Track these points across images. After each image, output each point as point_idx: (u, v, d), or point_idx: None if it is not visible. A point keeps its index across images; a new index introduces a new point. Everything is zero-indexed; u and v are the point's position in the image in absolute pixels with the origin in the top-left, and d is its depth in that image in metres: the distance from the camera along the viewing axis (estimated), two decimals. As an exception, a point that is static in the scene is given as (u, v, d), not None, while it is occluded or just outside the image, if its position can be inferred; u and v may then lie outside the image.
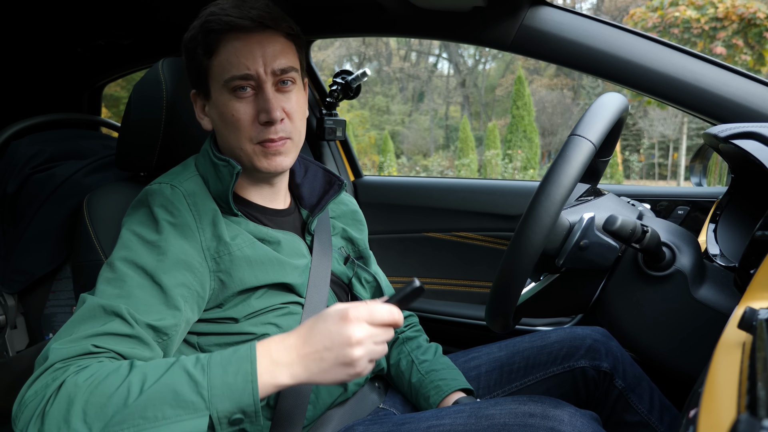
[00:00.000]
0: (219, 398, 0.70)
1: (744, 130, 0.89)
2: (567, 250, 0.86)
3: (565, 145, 0.79)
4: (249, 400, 0.71)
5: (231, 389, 0.71)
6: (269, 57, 0.89)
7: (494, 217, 1.82)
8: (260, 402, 0.72)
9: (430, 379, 1.08)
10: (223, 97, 0.91)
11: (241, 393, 0.71)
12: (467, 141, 17.77)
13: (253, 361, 0.73)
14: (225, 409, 0.70)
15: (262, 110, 0.90)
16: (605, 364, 1.05)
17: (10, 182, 1.25)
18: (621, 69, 1.14)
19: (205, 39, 0.89)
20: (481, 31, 1.27)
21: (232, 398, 0.70)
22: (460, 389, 1.07)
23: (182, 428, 0.68)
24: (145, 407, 0.68)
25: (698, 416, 0.44)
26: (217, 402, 0.70)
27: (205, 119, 0.98)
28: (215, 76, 0.91)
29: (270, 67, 0.89)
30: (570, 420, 0.83)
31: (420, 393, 1.09)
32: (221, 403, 0.70)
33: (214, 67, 0.90)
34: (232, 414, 0.71)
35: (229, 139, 0.93)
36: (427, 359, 1.13)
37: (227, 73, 0.89)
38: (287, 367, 0.74)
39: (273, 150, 0.92)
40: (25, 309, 1.26)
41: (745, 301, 0.62)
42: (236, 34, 0.88)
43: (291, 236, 1.02)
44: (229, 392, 0.70)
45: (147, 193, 0.92)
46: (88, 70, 2.03)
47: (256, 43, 0.89)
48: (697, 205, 1.57)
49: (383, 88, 30.65)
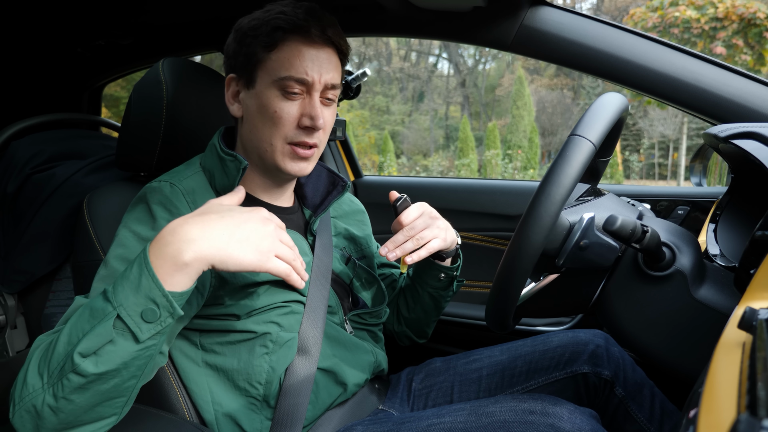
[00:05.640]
0: (122, 294, 0.69)
1: (744, 130, 0.89)
2: (567, 250, 0.86)
3: (565, 145, 0.79)
4: (153, 285, 0.69)
5: (130, 282, 0.70)
6: (325, 69, 0.93)
7: (494, 217, 1.82)
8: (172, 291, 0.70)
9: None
10: (271, 92, 0.92)
11: (144, 279, 0.69)
12: (467, 141, 17.77)
13: (145, 253, 0.71)
14: (133, 302, 0.69)
15: (307, 115, 0.92)
16: (606, 371, 1.05)
17: (10, 182, 1.25)
18: (621, 69, 1.14)
19: (271, 33, 0.91)
20: (481, 31, 1.27)
21: (137, 288, 0.69)
22: None
23: (97, 336, 0.67)
24: (71, 333, 0.70)
25: (698, 416, 0.44)
26: (121, 298, 0.69)
27: (235, 105, 0.98)
28: (269, 70, 0.92)
29: (324, 78, 0.92)
30: (570, 417, 0.83)
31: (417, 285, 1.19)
32: (125, 298, 0.69)
33: (272, 61, 0.91)
34: (142, 306, 0.69)
35: (261, 131, 0.94)
36: None
37: (284, 72, 0.90)
38: (191, 242, 0.71)
39: (302, 155, 0.94)
40: (25, 309, 1.26)
41: (745, 301, 0.62)
42: (302, 38, 0.91)
43: (294, 234, 1.02)
44: (129, 285, 0.70)
45: (146, 191, 0.93)
46: (88, 70, 2.03)
47: (318, 52, 0.92)
48: (697, 205, 1.57)
49: (383, 88, 30.64)
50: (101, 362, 0.67)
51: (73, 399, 0.68)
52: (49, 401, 0.68)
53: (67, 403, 0.68)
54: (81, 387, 0.68)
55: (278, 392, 0.92)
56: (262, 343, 0.92)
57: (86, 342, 0.67)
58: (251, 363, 0.92)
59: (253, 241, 0.76)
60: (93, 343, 0.67)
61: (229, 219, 0.76)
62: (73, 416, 0.69)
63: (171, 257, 0.70)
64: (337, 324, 1.03)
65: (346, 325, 1.06)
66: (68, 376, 0.67)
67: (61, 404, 0.68)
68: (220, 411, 0.92)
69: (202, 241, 0.72)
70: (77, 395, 0.68)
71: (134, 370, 0.71)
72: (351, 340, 1.03)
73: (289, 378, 0.92)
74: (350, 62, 1.09)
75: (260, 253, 0.76)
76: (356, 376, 1.02)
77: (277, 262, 0.78)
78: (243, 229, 0.76)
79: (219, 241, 0.73)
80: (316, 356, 0.95)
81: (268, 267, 0.77)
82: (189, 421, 0.86)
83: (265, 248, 0.77)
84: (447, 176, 13.96)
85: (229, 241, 0.74)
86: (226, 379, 0.93)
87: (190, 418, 0.93)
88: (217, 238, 0.73)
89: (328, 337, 0.99)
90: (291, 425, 0.91)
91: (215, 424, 0.92)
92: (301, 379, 0.93)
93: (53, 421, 0.69)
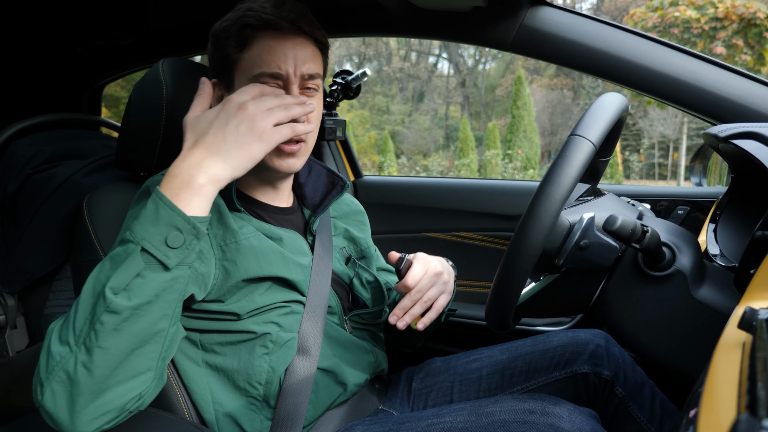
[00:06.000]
0: (142, 230, 0.70)
1: (744, 130, 0.89)
2: (567, 250, 0.86)
3: (565, 145, 0.79)
4: (170, 213, 0.70)
5: (147, 218, 0.71)
6: (300, 60, 0.90)
7: (494, 217, 1.82)
8: (193, 215, 0.71)
9: None
10: None
11: (156, 213, 0.70)
12: (467, 141, 17.77)
13: (157, 190, 0.73)
14: (153, 235, 0.69)
15: None
16: (607, 371, 1.05)
17: (10, 182, 1.26)
18: (621, 69, 1.14)
19: (240, 32, 0.90)
20: (481, 31, 1.27)
21: (153, 222, 0.70)
22: None
23: (126, 270, 0.68)
24: (94, 284, 0.70)
25: (698, 416, 0.44)
26: (141, 233, 0.69)
27: None
28: (243, 69, 0.91)
29: (299, 70, 0.90)
30: (569, 417, 0.83)
31: None
32: (146, 232, 0.69)
33: (244, 60, 0.91)
34: (163, 234, 0.70)
35: None
36: None
37: (257, 69, 0.89)
38: (196, 165, 0.74)
39: (288, 150, 0.93)
40: (25, 309, 1.26)
41: (745, 301, 0.62)
42: (272, 33, 0.90)
43: (293, 234, 1.02)
44: (147, 220, 0.70)
45: (150, 184, 0.93)
46: (88, 70, 2.03)
47: (290, 45, 0.90)
48: (697, 205, 1.57)
49: (383, 88, 30.65)
50: (133, 295, 0.67)
51: (108, 346, 0.67)
52: (82, 358, 0.67)
53: (102, 354, 0.67)
54: (115, 329, 0.67)
55: (278, 392, 0.92)
56: (262, 344, 0.93)
57: (115, 279, 0.67)
58: (251, 363, 0.92)
59: (247, 131, 0.76)
60: (122, 279, 0.68)
61: (216, 128, 0.76)
62: (109, 370, 0.68)
63: (184, 184, 0.72)
64: (337, 324, 1.03)
65: (346, 325, 1.06)
66: (101, 318, 0.66)
67: (96, 357, 0.66)
68: (220, 411, 0.92)
69: (207, 161, 0.74)
70: (111, 340, 0.67)
71: (165, 306, 0.71)
72: (351, 340, 1.03)
73: (289, 378, 0.92)
74: (350, 62, 1.08)
75: (259, 136, 0.77)
76: (356, 376, 1.02)
77: (281, 130, 0.79)
78: (231, 129, 0.76)
79: (220, 152, 0.75)
80: (316, 356, 0.95)
81: (275, 141, 0.78)
82: (189, 421, 0.86)
83: (261, 129, 0.77)
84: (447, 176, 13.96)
85: (230, 146, 0.75)
86: (227, 379, 0.93)
87: (190, 418, 0.93)
88: (217, 150, 0.75)
89: (328, 337, 0.99)
90: (291, 425, 0.91)
91: (215, 424, 0.92)
92: (301, 379, 0.93)
93: (89, 384, 0.67)
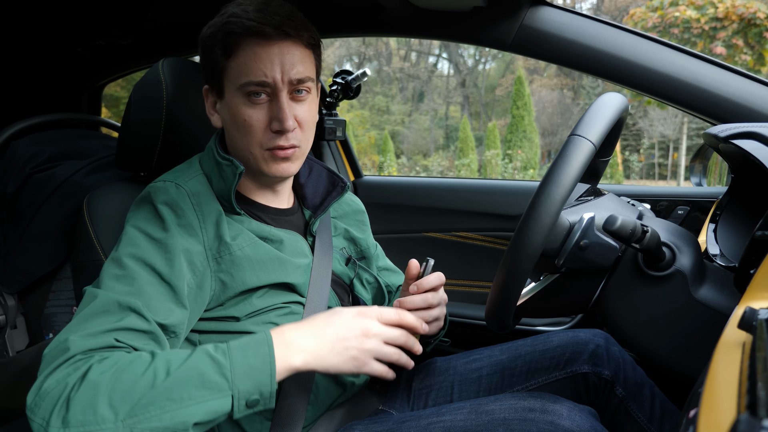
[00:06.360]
0: (240, 378, 0.73)
1: (744, 130, 0.89)
2: (567, 250, 0.86)
3: (565, 145, 0.79)
4: (267, 380, 0.74)
5: (251, 369, 0.74)
6: (287, 66, 0.89)
7: (494, 217, 1.82)
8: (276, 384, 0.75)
9: None
10: (237, 100, 0.90)
11: (260, 373, 0.74)
12: (467, 141, 17.77)
13: (270, 344, 0.76)
14: (246, 389, 0.73)
15: (275, 118, 0.90)
16: (606, 371, 1.05)
17: (10, 182, 1.25)
18: (621, 69, 1.14)
19: (225, 40, 0.89)
20: (481, 31, 1.27)
21: (253, 378, 0.73)
22: None
23: (207, 408, 0.70)
24: (171, 389, 0.70)
25: (698, 416, 0.44)
26: (238, 382, 0.72)
27: (215, 116, 0.98)
28: (231, 77, 0.90)
29: (287, 75, 0.89)
30: (569, 414, 0.83)
31: None
32: (242, 383, 0.73)
33: (231, 68, 0.90)
34: (250, 395, 0.73)
35: (239, 141, 0.93)
36: None
37: (244, 78, 0.88)
38: (301, 351, 0.78)
39: (281, 155, 0.92)
40: (25, 309, 1.26)
41: (745, 301, 0.62)
42: (256, 39, 0.88)
43: (293, 235, 1.02)
44: (250, 372, 0.73)
45: (151, 191, 0.92)
46: (88, 70, 2.03)
47: (275, 50, 0.88)
48: (697, 205, 1.57)
49: (383, 88, 30.65)
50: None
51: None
52: None
53: None
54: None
55: (278, 393, 0.92)
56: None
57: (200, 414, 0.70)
58: (251, 363, 0.92)
59: (351, 353, 0.81)
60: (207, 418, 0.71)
61: (334, 330, 0.81)
62: None
63: (284, 360, 0.77)
64: (338, 324, 1.03)
65: (346, 325, 1.06)
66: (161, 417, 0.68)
67: None
68: (220, 411, 0.92)
69: (308, 351, 0.79)
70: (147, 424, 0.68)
71: None
72: (351, 341, 1.03)
73: (289, 378, 0.92)
74: (350, 62, 1.08)
75: (356, 360, 0.82)
76: (356, 376, 1.02)
77: (373, 365, 0.83)
78: (343, 342, 0.81)
79: (321, 351, 0.80)
80: (317, 357, 0.95)
81: (363, 371, 0.83)
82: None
83: (362, 357, 0.82)
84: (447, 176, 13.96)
85: (331, 351, 0.80)
86: (227, 379, 0.93)
87: (190, 418, 0.92)
88: (320, 348, 0.80)
89: (329, 337, 0.99)
90: (291, 425, 0.91)
91: (215, 425, 0.92)
92: (301, 380, 0.93)
93: None
